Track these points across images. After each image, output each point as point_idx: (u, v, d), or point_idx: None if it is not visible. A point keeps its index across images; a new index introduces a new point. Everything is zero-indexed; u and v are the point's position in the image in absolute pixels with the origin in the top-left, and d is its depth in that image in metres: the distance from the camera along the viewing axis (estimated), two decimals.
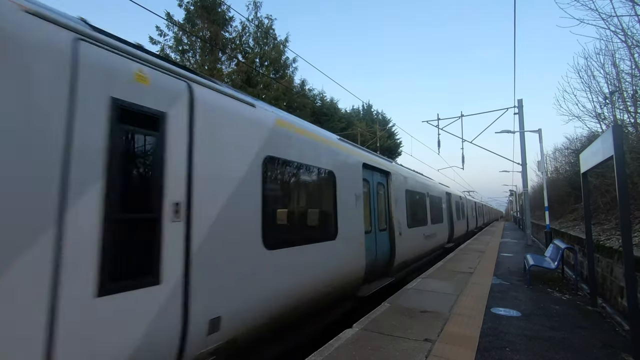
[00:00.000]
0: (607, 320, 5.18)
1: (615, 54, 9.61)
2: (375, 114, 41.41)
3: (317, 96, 33.11)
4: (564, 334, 4.51)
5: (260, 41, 25.35)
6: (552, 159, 25.34)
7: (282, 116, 4.59)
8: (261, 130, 3.94)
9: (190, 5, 22.95)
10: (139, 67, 2.69)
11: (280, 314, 3.97)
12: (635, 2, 7.70)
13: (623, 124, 9.53)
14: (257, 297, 3.58)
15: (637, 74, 8.68)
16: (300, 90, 26.81)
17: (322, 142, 5.36)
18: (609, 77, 10.21)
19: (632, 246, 3.94)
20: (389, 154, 34.23)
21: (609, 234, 7.89)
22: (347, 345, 3.90)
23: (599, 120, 11.28)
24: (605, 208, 10.33)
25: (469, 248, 14.77)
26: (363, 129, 30.62)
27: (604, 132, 5.07)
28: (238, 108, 3.70)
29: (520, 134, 16.62)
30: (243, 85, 21.63)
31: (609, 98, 10.26)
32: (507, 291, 6.88)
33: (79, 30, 2.36)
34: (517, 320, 5.05)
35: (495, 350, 3.94)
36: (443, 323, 4.75)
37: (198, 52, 23.19)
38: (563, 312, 5.54)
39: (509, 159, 22.34)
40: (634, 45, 8.35)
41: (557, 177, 22.97)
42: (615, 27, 8.37)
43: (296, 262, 4.27)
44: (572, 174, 17.90)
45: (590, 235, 6.11)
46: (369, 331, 4.38)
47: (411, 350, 3.82)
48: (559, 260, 7.61)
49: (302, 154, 4.68)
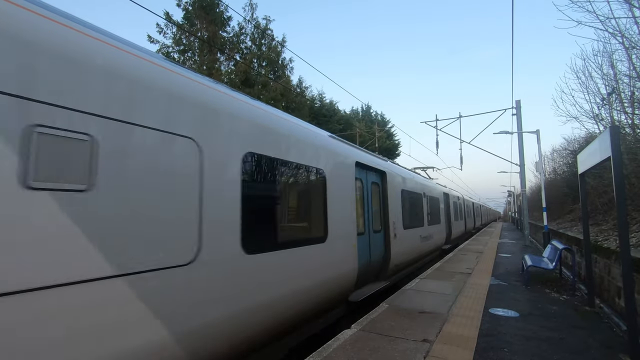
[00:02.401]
0: (604, 321, 5.19)
1: (613, 56, 9.67)
2: (374, 114, 41.47)
3: (316, 97, 33.13)
4: (561, 334, 4.52)
5: (258, 42, 25.35)
6: (550, 160, 25.48)
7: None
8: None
9: (189, 5, 22.94)
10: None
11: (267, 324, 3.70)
12: (632, 4, 7.75)
13: (620, 125, 9.58)
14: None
15: (634, 76, 8.73)
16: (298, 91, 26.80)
17: (310, 138, 5.02)
18: (606, 78, 10.27)
19: (629, 247, 3.96)
20: (388, 154, 34.26)
21: (606, 234, 7.92)
22: (346, 346, 3.90)
23: (596, 121, 11.33)
24: (602, 209, 10.36)
25: (467, 249, 14.79)
26: (362, 130, 30.65)
27: (602, 133, 5.09)
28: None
29: (519, 134, 16.68)
30: (241, 86, 21.60)
31: (607, 99, 10.30)
32: (505, 292, 6.89)
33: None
34: (515, 321, 5.06)
35: (494, 350, 3.94)
36: (441, 324, 4.75)
37: (197, 52, 23.18)
38: (561, 312, 5.55)
39: (507, 160, 22.44)
40: (631, 47, 8.40)
41: (555, 177, 23.06)
42: (612, 29, 8.43)
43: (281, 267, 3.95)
44: (569, 174, 17.98)
45: (587, 235, 6.13)
46: (368, 332, 4.38)
47: (410, 350, 3.81)
48: (556, 260, 7.64)
49: (287, 151, 4.32)
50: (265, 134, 3.96)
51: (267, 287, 3.69)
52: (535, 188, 29.13)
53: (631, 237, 6.17)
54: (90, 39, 2.44)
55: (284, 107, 23.09)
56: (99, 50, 2.45)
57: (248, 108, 3.88)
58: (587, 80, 11.05)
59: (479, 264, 10.24)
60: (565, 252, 8.37)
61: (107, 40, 2.59)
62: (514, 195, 44.95)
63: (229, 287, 3.21)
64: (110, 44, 2.59)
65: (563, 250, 7.75)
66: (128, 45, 2.79)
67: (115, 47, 2.61)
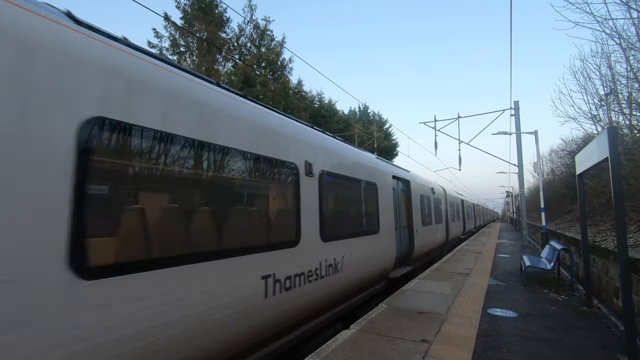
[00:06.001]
0: (602, 321, 5.21)
1: (611, 57, 9.71)
2: (372, 115, 41.47)
3: (315, 98, 33.12)
4: (560, 334, 4.53)
5: (257, 43, 25.35)
6: (549, 161, 25.54)
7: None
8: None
9: (187, 7, 22.92)
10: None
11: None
12: (629, 6, 7.78)
13: (618, 126, 9.62)
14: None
15: (632, 77, 8.76)
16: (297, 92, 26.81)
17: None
18: (604, 79, 10.31)
19: (627, 247, 3.97)
20: (386, 155, 34.22)
21: (604, 235, 7.93)
22: (344, 347, 3.90)
23: (594, 122, 11.38)
24: (600, 209, 10.39)
25: (465, 249, 14.81)
26: (360, 130, 30.66)
27: (600, 133, 5.11)
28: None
29: (517, 135, 16.71)
30: (242, 87, 21.59)
31: (605, 100, 10.34)
32: (503, 292, 6.91)
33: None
34: (513, 321, 5.07)
35: (492, 350, 3.95)
36: (440, 324, 4.76)
37: (195, 53, 23.15)
38: (559, 312, 5.56)
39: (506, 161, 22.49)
40: (628, 48, 8.43)
41: (553, 178, 23.12)
42: (610, 30, 8.46)
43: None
44: (568, 175, 18.03)
45: (585, 236, 6.15)
46: (367, 332, 4.38)
47: (408, 351, 3.82)
48: (555, 261, 7.66)
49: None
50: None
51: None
52: (534, 189, 29.20)
53: (629, 237, 6.19)
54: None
55: (284, 108, 23.08)
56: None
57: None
58: (585, 81, 11.11)
59: (477, 265, 10.25)
60: (563, 253, 8.39)
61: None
62: (513, 195, 45.04)
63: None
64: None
65: (561, 250, 7.77)
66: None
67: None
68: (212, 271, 2.97)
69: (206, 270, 2.90)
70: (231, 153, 3.41)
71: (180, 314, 2.61)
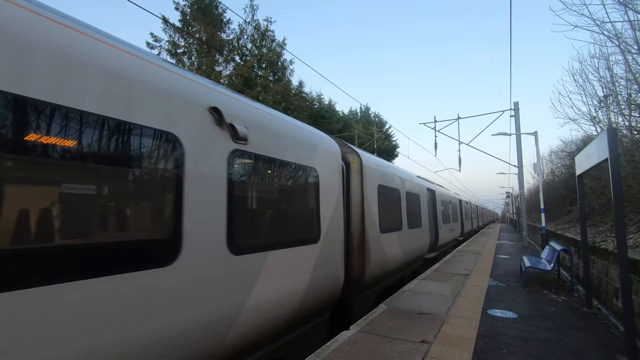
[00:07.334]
0: (602, 322, 5.21)
1: (610, 58, 9.73)
2: (373, 115, 41.52)
3: (315, 98, 33.13)
4: (559, 335, 4.53)
5: (258, 43, 25.37)
6: (548, 161, 25.58)
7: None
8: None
9: (187, 8, 22.93)
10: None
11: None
12: (627, 7, 7.81)
13: (618, 127, 9.63)
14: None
15: (630, 78, 8.78)
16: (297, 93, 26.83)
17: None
18: (603, 80, 10.34)
19: (626, 248, 3.98)
20: (386, 156, 34.26)
21: (604, 235, 7.94)
22: (344, 347, 3.90)
23: (594, 123, 11.41)
24: (600, 210, 10.41)
25: (465, 250, 14.81)
26: (360, 131, 30.69)
27: (599, 134, 5.12)
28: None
29: (517, 136, 16.74)
30: (242, 88, 21.61)
31: (604, 101, 10.37)
32: (503, 293, 6.91)
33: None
34: (513, 322, 5.07)
35: (492, 351, 3.95)
36: (440, 325, 4.76)
37: (194, 55, 23.16)
38: (559, 313, 5.57)
39: (506, 161, 22.51)
40: (627, 50, 8.45)
41: (553, 179, 23.15)
42: (608, 32, 8.48)
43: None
44: (567, 176, 18.06)
45: (585, 237, 6.15)
46: (366, 333, 4.38)
47: (408, 352, 3.82)
48: (554, 262, 7.66)
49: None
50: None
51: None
52: (534, 189, 29.22)
53: (629, 238, 6.19)
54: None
55: (284, 109, 23.10)
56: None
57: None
58: (584, 82, 11.14)
59: (477, 265, 10.26)
60: (563, 254, 8.40)
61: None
62: (512, 196, 45.06)
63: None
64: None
65: (561, 251, 7.78)
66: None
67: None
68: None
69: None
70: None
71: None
